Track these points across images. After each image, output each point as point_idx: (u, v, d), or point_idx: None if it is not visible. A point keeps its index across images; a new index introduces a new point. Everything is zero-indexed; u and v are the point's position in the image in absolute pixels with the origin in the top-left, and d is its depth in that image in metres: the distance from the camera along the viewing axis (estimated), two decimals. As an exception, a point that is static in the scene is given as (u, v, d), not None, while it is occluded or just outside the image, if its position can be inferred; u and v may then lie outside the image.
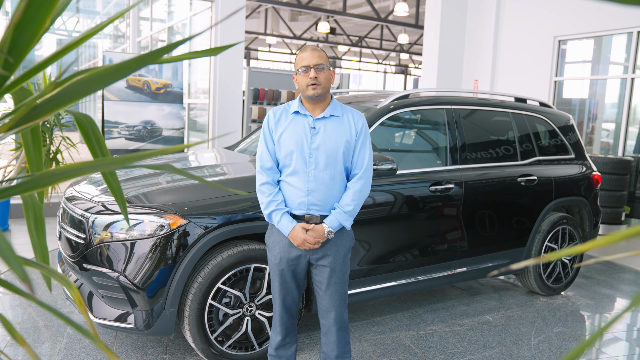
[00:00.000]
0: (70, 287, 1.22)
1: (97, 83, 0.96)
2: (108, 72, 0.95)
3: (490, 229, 4.05)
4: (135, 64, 0.94)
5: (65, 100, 1.00)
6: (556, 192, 4.42)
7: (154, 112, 6.37)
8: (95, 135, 1.31)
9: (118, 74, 0.95)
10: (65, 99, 0.99)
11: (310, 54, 2.47)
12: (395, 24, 16.20)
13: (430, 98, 4.03)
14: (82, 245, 3.01)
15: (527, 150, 4.38)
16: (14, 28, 0.91)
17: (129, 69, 0.94)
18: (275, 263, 2.59)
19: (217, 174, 3.60)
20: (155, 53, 0.94)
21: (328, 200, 2.51)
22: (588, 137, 8.83)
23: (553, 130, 4.63)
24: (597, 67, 8.66)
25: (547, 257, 0.75)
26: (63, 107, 1.01)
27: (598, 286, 4.95)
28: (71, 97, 1.00)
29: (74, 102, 1.02)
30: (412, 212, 3.64)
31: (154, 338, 3.46)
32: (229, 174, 3.64)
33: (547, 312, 4.20)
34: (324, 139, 2.49)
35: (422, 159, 3.96)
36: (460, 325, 3.87)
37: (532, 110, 4.57)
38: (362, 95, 4.42)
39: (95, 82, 0.96)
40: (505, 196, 4.13)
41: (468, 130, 4.04)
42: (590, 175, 4.73)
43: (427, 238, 3.73)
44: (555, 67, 8.42)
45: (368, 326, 3.78)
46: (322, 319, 2.66)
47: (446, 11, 9.07)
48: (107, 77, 0.96)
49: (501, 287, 4.77)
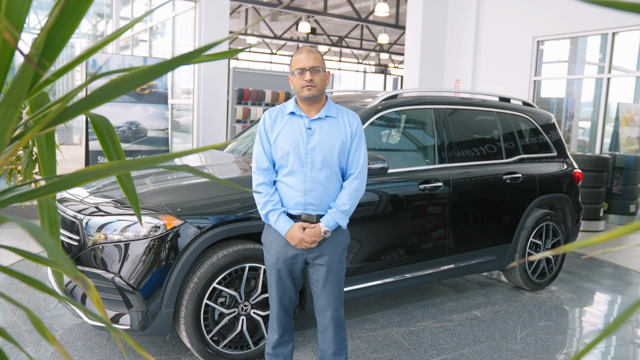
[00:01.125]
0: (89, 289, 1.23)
1: (128, 85, 0.99)
2: (140, 75, 0.98)
3: (476, 226, 4.14)
4: (165, 67, 0.97)
5: (94, 102, 1.02)
6: (540, 189, 4.53)
7: (138, 112, 6.33)
8: (111, 137, 1.33)
9: (149, 76, 0.98)
10: (95, 101, 1.01)
11: (306, 56, 2.50)
12: (375, 24, 16.31)
13: (419, 98, 4.09)
14: (75, 247, 2.99)
15: (512, 148, 4.48)
16: (47, 32, 0.94)
17: (159, 72, 0.96)
18: (272, 262, 2.61)
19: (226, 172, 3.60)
20: (185, 57, 0.96)
21: (324, 199, 2.55)
22: (566, 135, 9.03)
23: (536, 129, 4.75)
24: (573, 67, 8.87)
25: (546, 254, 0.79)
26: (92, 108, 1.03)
27: (580, 280, 5.08)
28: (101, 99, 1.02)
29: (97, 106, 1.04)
30: (402, 210, 3.70)
31: (148, 339, 3.46)
32: (214, 175, 3.64)
33: (532, 307, 4.30)
34: (320, 139, 2.52)
35: (411, 158, 4.03)
36: (450, 320, 3.95)
37: (516, 110, 4.67)
38: (348, 96, 4.46)
39: (126, 85, 0.98)
40: (491, 194, 4.22)
41: (455, 129, 4.12)
42: (571, 173, 4.86)
43: (416, 236, 3.80)
44: (535, 67, 8.60)
45: (360, 323, 3.83)
46: (318, 317, 2.69)
47: (427, 12, 9.18)
48: (138, 79, 0.99)
49: (487, 283, 4.87)
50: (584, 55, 8.81)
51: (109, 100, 1.02)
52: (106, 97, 1.01)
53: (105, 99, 1.02)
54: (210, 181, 3.38)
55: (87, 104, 1.01)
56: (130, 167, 1.14)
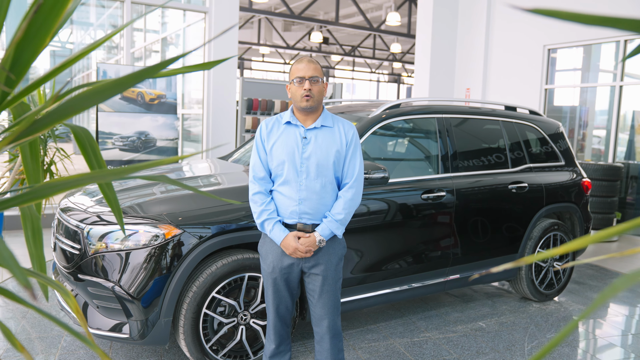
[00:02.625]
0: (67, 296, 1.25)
1: (95, 98, 1.00)
2: (106, 87, 0.99)
3: (482, 236, 4.10)
4: (132, 80, 0.98)
5: (65, 114, 1.03)
6: (547, 198, 4.48)
7: (148, 122, 6.40)
8: (92, 146, 1.35)
9: (116, 89, 0.99)
10: (64, 113, 1.03)
11: (306, 65, 2.52)
12: (387, 33, 16.35)
13: (421, 107, 4.08)
14: (77, 256, 3.02)
15: (518, 157, 4.44)
16: (15, 46, 0.95)
17: (126, 84, 0.98)
18: (268, 272, 2.62)
19: (212, 184, 3.64)
20: (152, 68, 0.97)
21: (319, 209, 2.55)
22: (579, 144, 8.93)
23: (543, 138, 4.70)
24: (587, 75, 8.78)
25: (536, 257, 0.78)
26: (62, 121, 1.05)
27: (590, 291, 5.00)
28: (70, 112, 1.03)
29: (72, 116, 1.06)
30: (405, 220, 3.68)
31: (149, 348, 3.47)
32: (223, 183, 3.67)
33: (539, 318, 4.24)
34: (315, 148, 2.53)
35: (414, 168, 4.01)
36: (454, 331, 3.91)
37: (522, 119, 4.63)
38: (355, 105, 4.47)
39: (94, 97, 1.00)
40: (496, 203, 4.18)
41: (459, 138, 4.10)
42: (580, 182, 4.80)
43: (419, 246, 3.77)
44: (546, 75, 8.53)
45: (362, 334, 3.80)
46: (315, 327, 2.68)
47: (437, 21, 9.17)
48: (105, 92, 1.00)
49: (494, 293, 4.81)
50: (597, 62, 8.72)
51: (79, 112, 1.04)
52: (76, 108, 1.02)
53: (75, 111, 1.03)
54: (215, 190, 3.40)
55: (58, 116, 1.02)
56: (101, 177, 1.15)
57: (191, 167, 4.30)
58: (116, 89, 0.99)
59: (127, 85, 0.98)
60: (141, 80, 1.00)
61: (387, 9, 15.92)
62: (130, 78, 0.98)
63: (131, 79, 0.98)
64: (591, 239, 0.74)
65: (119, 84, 0.98)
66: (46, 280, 1.18)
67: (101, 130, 6.12)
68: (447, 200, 3.85)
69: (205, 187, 3.49)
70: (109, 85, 0.99)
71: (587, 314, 0.66)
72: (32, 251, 1.33)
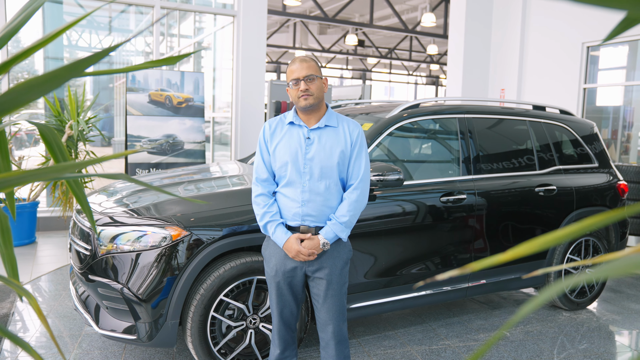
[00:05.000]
0: (28, 297, 1.22)
1: (32, 92, 0.97)
2: (41, 81, 0.96)
3: (506, 240, 3.93)
4: (66, 72, 0.95)
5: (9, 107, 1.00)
6: (578, 202, 4.25)
7: (175, 126, 6.47)
8: (58, 145, 1.34)
9: (51, 82, 0.95)
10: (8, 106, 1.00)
11: (299, 65, 2.45)
12: (423, 34, 16.11)
13: (442, 107, 3.95)
14: (88, 257, 3.05)
15: (546, 159, 4.24)
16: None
17: (61, 78, 0.94)
18: (272, 275, 2.56)
19: (238, 183, 3.60)
20: (83, 61, 0.93)
21: (323, 211, 2.48)
22: (624, 145, 8.52)
23: (575, 139, 4.48)
24: (632, 74, 8.37)
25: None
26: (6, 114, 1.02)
27: (627, 301, 4.73)
28: (10, 106, 1.00)
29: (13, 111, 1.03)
30: (422, 223, 3.56)
31: (162, 350, 3.47)
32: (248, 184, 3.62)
33: (570, 328, 4.02)
34: (319, 149, 2.46)
35: (434, 169, 3.88)
36: (475, 340, 3.75)
37: (552, 119, 4.43)
38: (375, 106, 4.38)
39: (30, 91, 0.97)
40: (522, 206, 4.00)
41: (482, 139, 3.94)
42: (615, 185, 4.55)
43: (437, 249, 3.64)
44: (585, 74, 8.18)
45: (379, 340, 3.70)
46: (320, 332, 2.61)
47: (470, 20, 8.95)
48: (42, 85, 0.97)
49: (523, 300, 4.61)
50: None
51: (21, 106, 1.01)
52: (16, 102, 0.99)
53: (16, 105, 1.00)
54: (233, 190, 3.35)
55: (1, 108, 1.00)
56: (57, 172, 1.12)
57: (221, 167, 4.32)
58: (52, 82, 0.95)
59: (62, 79, 0.94)
60: (76, 73, 0.96)
61: (423, 10, 15.69)
62: (63, 70, 0.94)
63: (64, 71, 0.95)
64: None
65: (53, 78, 0.94)
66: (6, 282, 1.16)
67: (130, 134, 6.22)
68: (469, 203, 3.70)
69: (233, 186, 3.49)
70: (42, 80, 0.95)
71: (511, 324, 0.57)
72: (2, 251, 1.32)
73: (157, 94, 6.38)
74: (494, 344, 0.55)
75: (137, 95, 6.28)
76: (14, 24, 1.13)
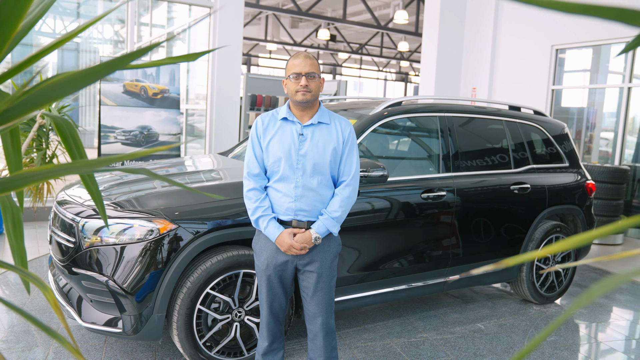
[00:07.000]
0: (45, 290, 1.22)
1: (67, 87, 0.97)
2: (78, 77, 0.96)
3: (483, 237, 4.05)
4: (104, 69, 0.95)
5: (37, 103, 1.00)
6: (549, 200, 4.42)
7: (150, 117, 6.39)
8: (74, 138, 1.33)
9: (88, 78, 0.96)
10: (37, 103, 1.00)
11: (303, 61, 2.49)
12: (395, 31, 16.27)
13: (423, 105, 4.04)
14: (71, 249, 3.01)
15: (521, 158, 4.39)
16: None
17: (99, 74, 0.95)
18: (263, 269, 2.59)
19: (214, 178, 3.61)
20: (125, 58, 0.94)
21: (316, 206, 2.52)
22: (586, 146, 8.84)
23: (547, 139, 4.64)
24: (595, 76, 8.67)
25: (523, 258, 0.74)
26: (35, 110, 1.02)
27: (592, 295, 4.93)
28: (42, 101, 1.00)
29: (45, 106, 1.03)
30: (404, 219, 3.64)
31: (144, 343, 3.45)
32: (225, 178, 3.63)
33: (539, 321, 4.19)
34: (312, 145, 2.50)
35: (415, 166, 3.97)
36: (452, 333, 3.86)
37: (526, 119, 4.58)
38: (357, 103, 4.43)
39: (66, 87, 0.97)
40: (498, 204, 4.13)
41: (461, 137, 4.05)
42: (584, 184, 4.74)
43: (418, 245, 3.73)
44: (553, 76, 8.44)
45: (359, 333, 3.77)
46: (308, 324, 2.65)
47: (444, 20, 9.10)
48: (78, 81, 0.97)
49: (495, 295, 4.76)
50: (606, 64, 8.62)
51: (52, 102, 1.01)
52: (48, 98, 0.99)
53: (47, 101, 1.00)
54: (218, 184, 3.37)
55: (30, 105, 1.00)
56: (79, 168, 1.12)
57: (194, 162, 4.28)
58: (88, 78, 0.96)
59: (100, 75, 0.95)
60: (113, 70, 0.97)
61: (395, 7, 15.84)
62: (102, 67, 0.95)
63: (103, 68, 0.95)
64: (590, 235, 0.71)
65: (91, 74, 0.95)
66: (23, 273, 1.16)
67: (104, 124, 6.11)
68: (448, 200, 3.80)
69: (208, 181, 3.48)
70: (80, 75, 0.96)
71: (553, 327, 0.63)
72: (13, 243, 1.31)
73: (132, 85, 6.28)
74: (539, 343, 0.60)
75: (111, 85, 6.16)
76: (31, 16, 1.13)
